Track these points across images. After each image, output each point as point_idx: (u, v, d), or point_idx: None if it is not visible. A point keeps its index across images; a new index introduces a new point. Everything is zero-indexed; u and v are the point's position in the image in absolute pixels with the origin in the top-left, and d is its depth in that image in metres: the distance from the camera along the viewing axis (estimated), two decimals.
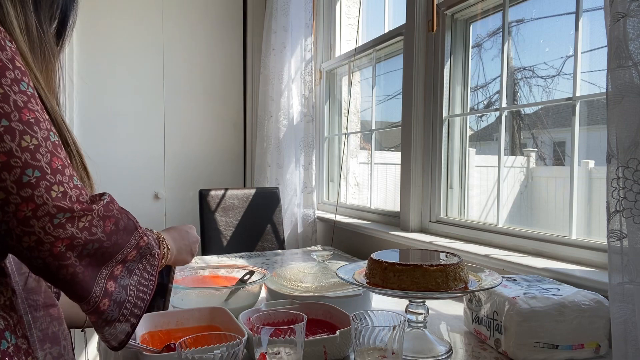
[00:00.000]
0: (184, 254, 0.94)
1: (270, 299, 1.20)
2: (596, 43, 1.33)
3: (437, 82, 1.77)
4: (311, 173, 2.44)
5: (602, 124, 1.16)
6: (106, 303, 0.67)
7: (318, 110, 2.65)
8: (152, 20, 2.82)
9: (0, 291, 0.65)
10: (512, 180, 1.86)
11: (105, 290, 0.66)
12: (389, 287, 0.94)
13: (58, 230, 0.59)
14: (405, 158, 1.85)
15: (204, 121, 2.98)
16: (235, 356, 0.74)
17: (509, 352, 0.95)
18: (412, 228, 1.82)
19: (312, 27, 2.45)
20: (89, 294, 0.65)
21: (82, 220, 0.61)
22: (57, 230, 0.59)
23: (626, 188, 0.79)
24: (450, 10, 1.74)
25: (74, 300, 0.65)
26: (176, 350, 0.75)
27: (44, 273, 0.61)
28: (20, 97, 0.57)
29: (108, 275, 0.66)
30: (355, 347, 0.81)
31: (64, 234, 0.59)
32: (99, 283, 0.65)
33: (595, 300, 0.96)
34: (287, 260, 1.91)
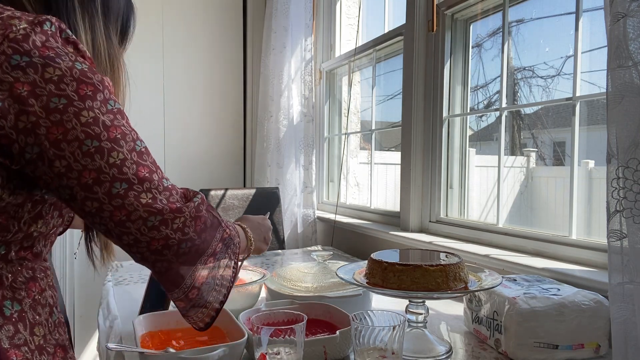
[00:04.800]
0: (260, 242, 1.01)
1: (270, 299, 1.20)
2: (596, 43, 1.33)
3: (437, 82, 1.77)
4: (311, 173, 2.44)
5: (602, 124, 1.16)
6: (195, 292, 0.74)
7: (318, 110, 2.65)
8: (152, 20, 2.82)
9: (47, 274, 0.72)
10: (512, 180, 1.86)
11: (195, 281, 0.73)
12: (389, 287, 0.94)
13: (153, 232, 0.66)
14: (405, 158, 1.85)
15: (204, 121, 2.98)
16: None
17: (509, 352, 0.95)
18: (412, 228, 1.82)
19: (312, 27, 2.45)
20: (180, 285, 0.72)
21: (175, 222, 0.67)
22: (151, 232, 0.66)
23: (626, 188, 0.79)
24: (450, 10, 1.74)
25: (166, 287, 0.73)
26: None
27: (143, 263, 0.70)
28: (108, 117, 0.63)
29: (202, 267, 0.74)
30: (355, 347, 0.81)
31: (158, 235, 0.66)
32: (192, 275, 0.73)
33: (595, 300, 0.96)
34: (287, 260, 1.91)
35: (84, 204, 0.63)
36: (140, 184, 0.65)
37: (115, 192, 0.63)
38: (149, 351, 0.86)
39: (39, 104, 0.59)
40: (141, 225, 0.65)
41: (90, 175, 0.62)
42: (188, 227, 0.69)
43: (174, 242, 0.68)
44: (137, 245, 0.66)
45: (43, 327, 0.68)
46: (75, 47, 0.64)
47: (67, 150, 0.60)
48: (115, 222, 0.64)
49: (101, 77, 0.64)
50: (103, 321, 1.21)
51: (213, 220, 0.75)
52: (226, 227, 0.78)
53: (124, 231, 0.65)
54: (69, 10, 0.70)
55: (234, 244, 0.80)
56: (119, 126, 0.64)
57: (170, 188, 0.69)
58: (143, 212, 0.65)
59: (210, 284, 0.75)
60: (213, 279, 0.76)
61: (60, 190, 0.63)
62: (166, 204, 0.67)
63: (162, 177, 0.69)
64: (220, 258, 0.77)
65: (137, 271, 1.67)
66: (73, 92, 0.60)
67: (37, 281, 0.70)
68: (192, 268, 0.72)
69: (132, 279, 1.56)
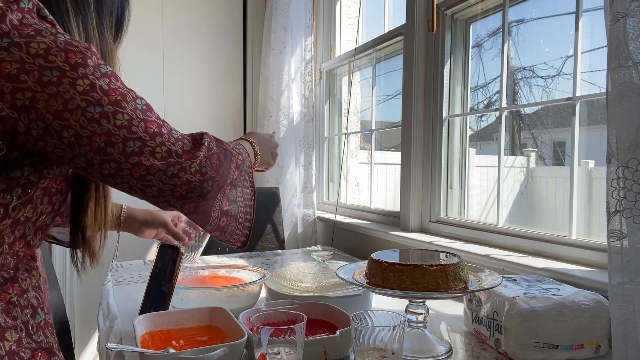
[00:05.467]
0: (268, 156, 1.06)
1: (270, 299, 1.20)
2: (596, 43, 1.33)
3: (437, 82, 1.77)
4: (311, 173, 2.44)
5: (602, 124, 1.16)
6: (225, 220, 0.80)
7: (318, 110, 2.65)
8: (152, 20, 2.82)
9: (32, 274, 0.73)
10: (512, 180, 1.86)
11: (221, 210, 0.79)
12: (389, 287, 0.94)
13: (174, 180, 0.69)
14: (405, 158, 1.85)
15: (204, 121, 2.97)
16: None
17: (509, 352, 0.95)
18: (412, 228, 1.82)
19: (312, 27, 2.45)
20: (210, 218, 0.78)
21: (192, 166, 0.71)
22: (173, 180, 0.69)
23: (626, 188, 0.79)
24: (450, 10, 1.74)
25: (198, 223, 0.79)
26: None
27: (171, 209, 0.75)
28: (104, 81, 0.64)
29: (222, 197, 0.79)
30: (355, 347, 0.81)
31: (179, 181, 0.70)
32: (217, 206, 0.78)
33: (595, 300, 0.96)
34: (287, 260, 1.91)
35: (101, 167, 0.65)
36: (152, 139, 0.67)
37: (130, 151, 0.65)
38: (149, 351, 0.86)
39: (32, 79, 0.59)
40: (162, 176, 0.68)
41: (101, 139, 0.63)
42: (205, 167, 0.72)
43: (196, 184, 0.71)
44: (162, 195, 0.70)
45: (17, 330, 0.66)
46: (53, 25, 0.64)
47: (71, 119, 0.61)
48: (136, 178, 0.67)
49: (87, 44, 0.64)
50: (103, 321, 1.21)
51: (225, 153, 0.79)
52: (238, 154, 0.83)
53: (146, 184, 0.68)
54: (62, 10, 0.71)
55: (247, 165, 0.85)
56: (116, 88, 0.65)
57: (181, 138, 0.72)
58: (161, 165, 0.68)
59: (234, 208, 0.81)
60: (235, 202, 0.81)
61: (75, 161, 0.64)
62: (181, 153, 0.70)
63: (171, 129, 0.71)
64: (237, 183, 0.82)
65: (137, 271, 1.67)
66: (64, 63, 0.61)
67: (16, 282, 0.68)
68: (215, 200, 0.76)
69: (132, 279, 1.56)
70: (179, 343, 0.94)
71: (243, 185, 0.84)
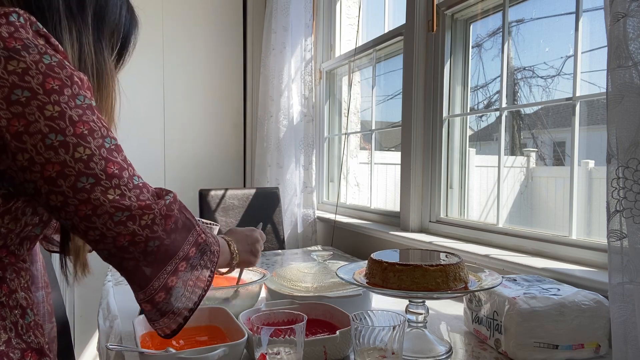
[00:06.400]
0: (247, 255, 1.01)
1: (270, 299, 1.20)
2: (596, 43, 1.33)
3: (437, 82, 1.77)
4: (311, 173, 2.44)
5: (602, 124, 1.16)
6: (162, 296, 0.71)
7: (318, 110, 2.65)
8: (152, 20, 2.82)
9: (22, 275, 0.71)
10: (512, 180, 1.86)
11: (165, 284, 0.71)
12: (389, 287, 0.94)
13: (119, 227, 0.65)
14: (405, 158, 1.85)
15: (204, 121, 2.98)
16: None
17: (509, 352, 0.95)
18: (412, 228, 1.82)
19: (312, 27, 2.45)
20: (147, 286, 0.70)
21: (143, 218, 0.66)
22: (118, 227, 0.65)
23: (626, 188, 0.79)
24: (450, 10, 1.74)
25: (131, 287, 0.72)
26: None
27: (110, 262, 0.69)
28: (76, 112, 0.62)
29: (172, 271, 0.71)
30: (355, 347, 0.81)
31: (125, 230, 0.65)
32: (160, 277, 0.70)
33: (595, 300, 0.96)
34: (287, 260, 1.91)
35: (48, 197, 0.62)
36: (108, 180, 0.64)
37: (80, 186, 0.62)
38: (149, 351, 0.86)
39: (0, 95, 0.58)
40: (107, 220, 0.64)
41: (54, 169, 0.61)
42: (157, 224, 0.68)
43: (141, 239, 0.66)
44: (104, 240, 0.65)
45: (7, 331, 0.66)
46: (47, 40, 0.63)
47: (29, 142, 0.59)
48: (80, 216, 0.63)
49: (70, 72, 0.63)
50: (103, 321, 1.21)
51: (185, 222, 0.73)
52: (201, 232, 0.76)
53: (89, 226, 0.64)
54: (55, 21, 0.69)
55: (210, 251, 0.77)
56: (88, 122, 0.63)
57: (141, 186, 0.68)
58: (110, 207, 0.63)
59: (180, 290, 0.72)
60: (184, 284, 0.73)
61: (25, 185, 0.62)
62: (135, 201, 0.66)
63: (133, 175, 0.67)
64: (195, 264, 0.74)
65: None
66: (38, 86, 0.59)
67: (4, 282, 0.67)
68: (160, 270, 0.70)
69: None
70: (178, 343, 0.94)
71: (201, 272, 0.75)
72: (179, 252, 0.71)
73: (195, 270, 0.74)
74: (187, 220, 0.73)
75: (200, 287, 0.75)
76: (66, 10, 0.70)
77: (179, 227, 0.71)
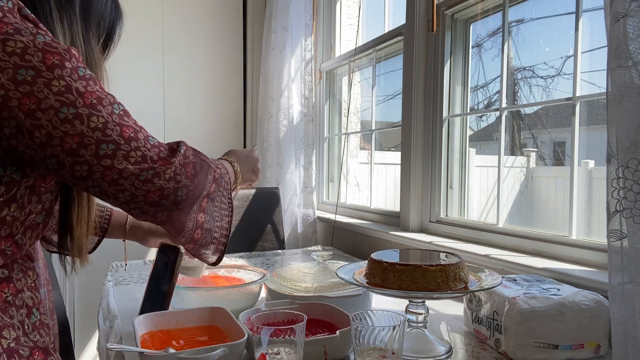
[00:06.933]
0: (249, 173, 1.06)
1: (270, 299, 1.20)
2: (596, 43, 1.33)
3: (437, 82, 1.77)
4: (311, 173, 2.44)
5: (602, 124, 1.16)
6: (199, 233, 0.79)
7: (318, 110, 2.65)
8: (152, 20, 2.82)
9: (28, 275, 0.72)
10: (512, 180, 1.87)
11: (196, 222, 0.78)
12: (389, 287, 0.94)
13: (147, 185, 0.69)
14: (405, 158, 1.85)
15: (204, 121, 2.98)
16: None
17: (509, 352, 0.95)
18: (412, 228, 1.82)
19: (312, 27, 2.45)
20: (184, 229, 0.77)
21: (166, 172, 0.71)
22: (146, 185, 0.69)
23: (626, 188, 0.79)
24: (450, 10, 1.74)
25: (171, 234, 0.78)
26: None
27: (144, 219, 0.74)
28: (81, 83, 0.64)
29: (198, 209, 0.78)
30: (355, 347, 0.81)
31: (153, 187, 0.69)
32: (192, 218, 0.77)
33: (595, 300, 0.96)
34: (287, 260, 1.91)
35: (73, 169, 0.64)
36: (127, 143, 0.67)
37: (102, 153, 0.65)
38: (149, 351, 0.86)
39: (5, 77, 0.59)
40: (135, 180, 0.67)
41: (73, 140, 0.63)
42: (180, 174, 0.72)
43: (170, 191, 0.71)
44: (135, 200, 0.69)
45: (15, 329, 0.66)
46: (36, 25, 0.64)
47: (43, 118, 0.61)
48: (108, 181, 0.66)
49: (67, 46, 0.64)
50: (103, 321, 1.21)
51: (202, 164, 0.78)
52: (215, 167, 0.82)
53: (118, 189, 0.67)
54: (46, 10, 0.70)
55: (224, 181, 0.84)
56: (94, 92, 0.65)
57: (158, 145, 0.72)
58: (134, 169, 0.67)
59: (210, 222, 0.80)
60: (212, 217, 0.80)
61: (47, 162, 0.63)
62: (157, 159, 0.70)
63: (148, 136, 0.71)
64: (215, 197, 0.80)
65: (137, 271, 1.67)
66: (40, 63, 0.60)
67: (11, 282, 0.68)
68: (190, 211, 0.76)
69: (132, 279, 1.56)
70: (179, 343, 0.94)
71: (221, 200, 0.83)
72: (202, 192, 0.77)
73: (215, 201, 0.81)
74: (203, 161, 0.78)
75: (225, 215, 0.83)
76: (56, 0, 0.72)
77: (198, 170, 0.76)
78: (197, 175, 0.75)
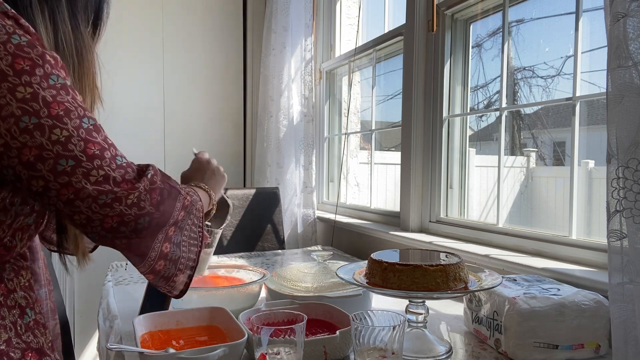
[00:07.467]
0: (218, 186, 1.02)
1: (270, 299, 1.20)
2: (596, 43, 1.33)
3: (437, 82, 1.77)
4: (311, 173, 2.44)
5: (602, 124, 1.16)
6: (162, 264, 0.73)
7: (318, 110, 2.65)
8: (152, 20, 2.82)
9: (22, 274, 0.71)
10: (512, 180, 1.87)
11: (160, 252, 0.72)
12: (389, 287, 0.94)
13: (105, 209, 0.63)
14: (405, 158, 1.85)
15: (204, 121, 2.98)
16: None
17: (509, 352, 0.95)
18: (412, 228, 1.82)
19: (312, 27, 2.45)
20: (145, 259, 0.71)
21: (129, 198, 0.65)
22: (104, 209, 0.63)
23: (626, 188, 0.79)
24: (450, 10, 1.74)
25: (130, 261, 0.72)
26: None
27: (102, 243, 0.68)
28: (49, 92, 0.60)
29: (164, 238, 0.72)
30: (355, 347, 0.81)
31: (111, 212, 0.64)
32: (155, 247, 0.71)
33: (595, 300, 0.96)
34: (287, 260, 1.91)
35: (29, 183, 0.60)
36: (89, 161, 0.62)
37: (60, 169, 0.60)
38: (149, 351, 0.86)
39: None
40: (92, 203, 0.62)
41: (31, 152, 0.59)
42: (143, 201, 0.67)
43: (131, 217, 0.65)
44: (91, 224, 0.64)
45: (7, 330, 0.65)
46: (17, 22, 0.61)
47: (2, 127, 0.57)
48: (63, 201, 0.61)
49: (41, 51, 0.60)
50: (103, 321, 1.21)
51: (171, 190, 0.72)
52: (186, 194, 0.76)
53: (74, 210, 0.62)
54: (25, 3, 0.67)
55: (196, 208, 0.78)
56: (63, 102, 0.61)
57: (125, 166, 0.67)
58: (92, 190, 0.62)
59: (176, 252, 0.73)
60: (178, 247, 0.73)
61: (4, 172, 0.60)
62: (121, 182, 0.64)
63: (116, 155, 0.66)
64: (183, 225, 0.74)
65: (137, 271, 1.67)
66: (7, 67, 0.57)
67: (2, 282, 0.67)
68: (154, 240, 0.70)
69: (132, 279, 1.56)
70: (179, 343, 0.94)
71: (191, 229, 0.77)
72: (169, 220, 0.71)
73: (184, 230, 0.75)
74: (172, 188, 0.73)
75: (194, 245, 0.76)
76: None
77: (165, 197, 0.70)
78: (163, 202, 0.70)
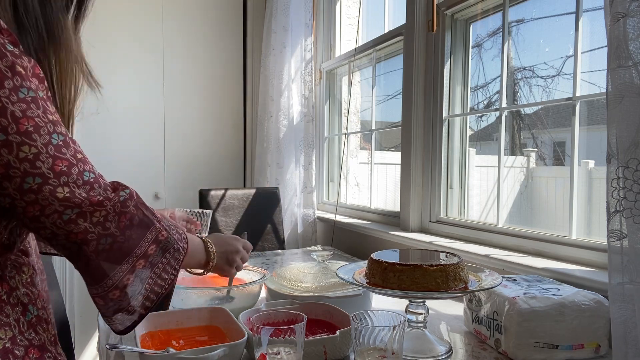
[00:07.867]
0: (222, 261, 0.97)
1: (270, 299, 1.20)
2: (596, 43, 1.33)
3: (437, 82, 1.77)
4: (311, 173, 2.44)
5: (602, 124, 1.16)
6: (116, 294, 0.68)
7: (318, 110, 2.65)
8: (152, 20, 2.82)
9: (24, 270, 0.70)
10: (512, 180, 1.86)
11: (120, 282, 0.68)
12: (389, 287, 0.94)
13: (70, 225, 0.62)
14: (405, 158, 1.85)
15: (204, 121, 2.98)
16: None
17: (509, 352, 0.95)
18: (412, 228, 1.82)
19: (312, 27, 2.45)
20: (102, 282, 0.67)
21: (94, 215, 0.63)
22: (68, 225, 0.62)
23: (626, 188, 0.79)
24: (450, 10, 1.74)
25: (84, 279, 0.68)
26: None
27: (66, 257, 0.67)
28: (19, 107, 0.58)
29: (129, 269, 0.68)
30: (355, 347, 0.81)
31: (76, 228, 0.62)
32: (116, 275, 0.67)
33: (595, 300, 0.96)
34: (287, 260, 1.91)
35: None
36: (56, 177, 0.60)
37: (27, 187, 0.59)
38: (149, 351, 0.86)
39: None
40: (57, 219, 0.61)
41: None
42: (110, 221, 0.65)
43: (93, 236, 0.64)
44: (56, 239, 0.63)
45: (11, 328, 0.65)
46: None
47: None
48: (29, 217, 0.61)
49: (11, 61, 0.58)
50: (103, 321, 1.21)
51: (143, 219, 0.70)
52: (163, 229, 0.72)
53: (39, 226, 0.61)
54: None
55: (174, 249, 0.73)
56: (33, 117, 0.59)
57: (92, 182, 0.64)
58: (58, 205, 0.61)
59: (136, 288, 0.69)
60: (142, 282, 0.69)
61: None
62: (85, 198, 0.62)
63: (84, 170, 0.64)
64: (155, 262, 0.71)
65: None
66: None
67: (4, 280, 0.67)
68: (116, 267, 0.67)
69: None
70: (179, 343, 0.94)
71: (164, 269, 0.72)
72: (135, 250, 0.68)
73: (156, 268, 0.71)
74: (145, 217, 0.70)
75: (160, 286, 0.72)
76: None
77: (135, 224, 0.68)
78: (131, 227, 0.67)
